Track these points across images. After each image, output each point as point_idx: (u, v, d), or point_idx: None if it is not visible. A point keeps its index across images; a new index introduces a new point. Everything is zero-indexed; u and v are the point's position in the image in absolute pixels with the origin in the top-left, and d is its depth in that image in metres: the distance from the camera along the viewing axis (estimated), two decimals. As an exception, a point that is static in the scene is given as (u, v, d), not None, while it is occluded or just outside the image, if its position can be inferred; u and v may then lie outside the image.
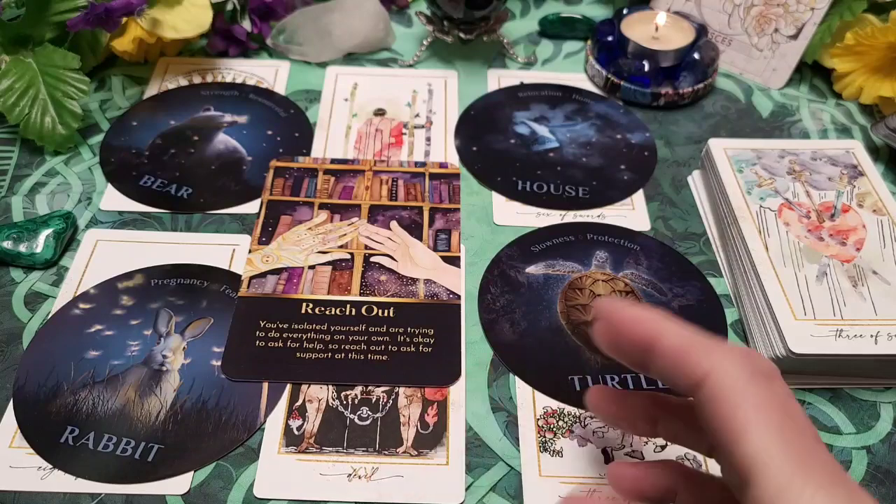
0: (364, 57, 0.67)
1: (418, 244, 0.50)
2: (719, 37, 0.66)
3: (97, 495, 0.37)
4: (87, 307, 0.45)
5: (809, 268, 0.44)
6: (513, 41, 0.70)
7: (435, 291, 0.47)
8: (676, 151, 0.58)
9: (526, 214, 0.53)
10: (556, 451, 0.40)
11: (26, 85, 0.54)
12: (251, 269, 0.48)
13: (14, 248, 0.47)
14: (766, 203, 0.48)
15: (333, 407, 0.41)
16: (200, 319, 0.45)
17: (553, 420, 0.41)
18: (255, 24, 0.65)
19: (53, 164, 0.55)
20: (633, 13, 0.65)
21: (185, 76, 0.63)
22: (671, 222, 0.53)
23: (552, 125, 0.60)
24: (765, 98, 0.64)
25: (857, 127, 0.61)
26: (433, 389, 0.42)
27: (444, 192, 0.54)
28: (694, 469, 0.31)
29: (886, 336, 0.40)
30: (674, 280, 0.48)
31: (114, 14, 0.54)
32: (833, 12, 0.61)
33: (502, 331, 0.45)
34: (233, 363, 0.43)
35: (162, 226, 0.51)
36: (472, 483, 0.39)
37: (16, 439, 0.39)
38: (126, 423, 0.40)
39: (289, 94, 0.62)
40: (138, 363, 0.42)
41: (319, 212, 0.52)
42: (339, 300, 0.46)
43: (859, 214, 0.47)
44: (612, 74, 0.62)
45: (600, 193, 0.54)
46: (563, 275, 0.48)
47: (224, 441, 0.39)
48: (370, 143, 0.58)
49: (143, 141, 0.57)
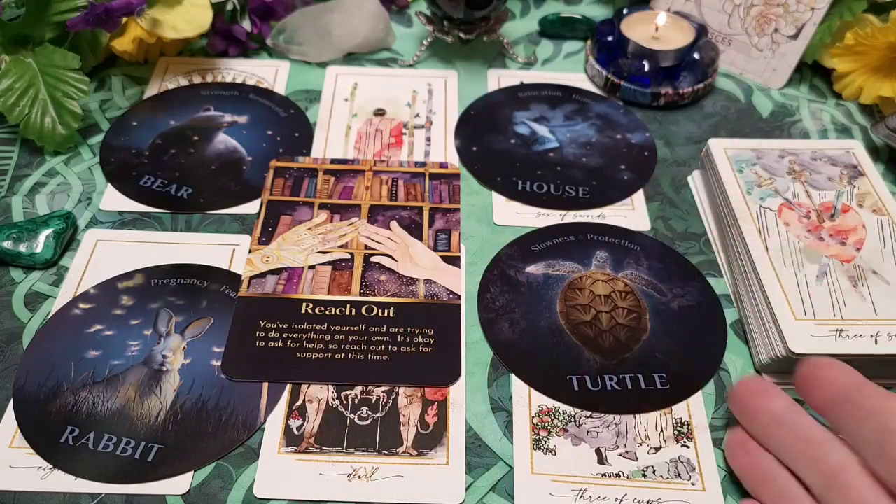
0: (364, 57, 0.67)
1: (418, 244, 0.50)
2: (719, 37, 0.66)
3: (97, 495, 0.37)
4: (87, 307, 0.45)
5: (809, 268, 0.44)
6: (513, 41, 0.70)
7: (435, 291, 0.47)
8: (676, 151, 0.58)
9: (526, 214, 0.53)
10: (549, 450, 0.40)
11: (26, 85, 0.54)
12: (251, 269, 0.48)
13: (14, 248, 0.47)
14: (766, 203, 0.48)
15: (333, 407, 0.41)
16: (200, 319, 0.45)
17: (548, 418, 0.41)
18: (255, 24, 0.65)
19: (53, 164, 0.55)
20: (633, 13, 0.65)
21: (185, 76, 0.63)
22: (671, 222, 0.53)
23: (552, 125, 0.60)
24: (765, 98, 0.64)
25: (857, 127, 0.61)
26: (433, 389, 0.42)
27: (444, 192, 0.54)
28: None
29: (886, 336, 0.40)
30: (674, 280, 0.48)
31: (114, 14, 0.54)
32: (833, 12, 0.61)
33: (501, 330, 0.45)
34: (233, 363, 0.43)
35: (162, 226, 0.51)
36: (472, 483, 0.39)
37: (16, 439, 0.39)
38: (126, 423, 0.40)
39: (289, 94, 0.62)
40: (138, 363, 0.42)
41: (319, 212, 0.52)
42: (339, 300, 0.46)
43: (859, 214, 0.47)
44: (612, 74, 0.62)
45: (600, 193, 0.54)
46: (562, 275, 0.48)
47: (224, 441, 0.40)
48: (370, 143, 0.58)
49: (143, 141, 0.57)
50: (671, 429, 0.41)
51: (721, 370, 0.44)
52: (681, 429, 0.41)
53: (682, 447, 0.40)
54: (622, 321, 0.46)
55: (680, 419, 0.41)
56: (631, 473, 0.39)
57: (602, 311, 0.46)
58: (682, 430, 0.41)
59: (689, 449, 0.40)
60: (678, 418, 0.41)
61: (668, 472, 0.39)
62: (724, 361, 0.44)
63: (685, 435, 0.41)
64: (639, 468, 0.39)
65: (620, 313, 0.46)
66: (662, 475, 0.39)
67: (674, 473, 0.39)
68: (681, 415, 0.42)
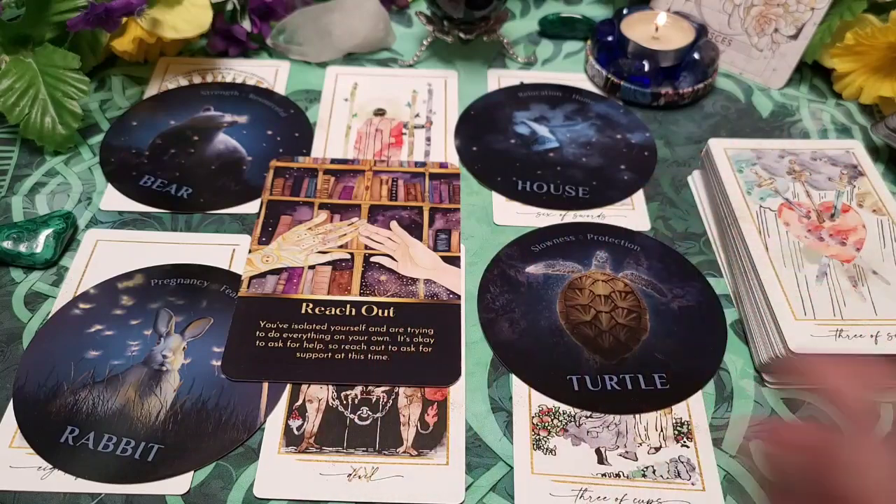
0: (364, 57, 0.67)
1: (418, 244, 0.50)
2: (719, 37, 0.66)
3: (97, 495, 0.37)
4: (87, 307, 0.45)
5: (809, 268, 0.44)
6: (513, 41, 0.70)
7: (435, 291, 0.47)
8: (676, 151, 0.58)
9: (526, 214, 0.53)
10: (549, 450, 0.40)
11: (26, 85, 0.54)
12: (251, 269, 0.48)
13: (14, 248, 0.47)
14: (766, 203, 0.48)
15: (333, 407, 0.41)
16: (200, 319, 0.45)
17: (548, 418, 0.41)
18: (255, 24, 0.65)
19: (53, 164, 0.55)
20: (633, 13, 0.65)
21: (185, 76, 0.63)
22: (671, 222, 0.53)
23: (552, 125, 0.60)
24: (765, 98, 0.64)
25: (857, 127, 0.61)
26: (433, 389, 0.42)
27: (444, 192, 0.54)
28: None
29: (886, 336, 0.40)
30: (674, 280, 0.48)
31: (114, 14, 0.54)
32: (833, 12, 0.61)
33: (501, 330, 0.45)
34: (233, 363, 0.43)
35: (162, 226, 0.51)
36: (472, 483, 0.39)
37: (16, 439, 0.39)
38: (126, 423, 0.40)
39: (289, 94, 0.62)
40: (138, 363, 0.42)
41: (319, 212, 0.52)
42: (339, 300, 0.46)
43: (859, 214, 0.47)
44: (612, 74, 0.62)
45: (600, 193, 0.54)
46: (562, 275, 0.48)
47: (224, 441, 0.40)
48: (370, 143, 0.58)
49: (143, 141, 0.57)
50: (671, 429, 0.41)
51: (721, 370, 0.44)
52: (680, 429, 0.41)
53: (681, 447, 0.40)
54: (622, 321, 0.46)
55: (680, 419, 0.41)
56: (631, 473, 0.39)
57: (602, 311, 0.46)
58: (681, 430, 0.41)
59: (688, 449, 0.40)
60: (678, 418, 0.41)
61: (668, 471, 0.39)
62: (724, 361, 0.44)
63: (685, 435, 0.41)
64: (639, 468, 0.39)
65: (620, 313, 0.46)
66: (662, 475, 0.39)
67: (674, 473, 0.39)
68: (681, 415, 0.42)
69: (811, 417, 0.42)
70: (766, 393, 0.43)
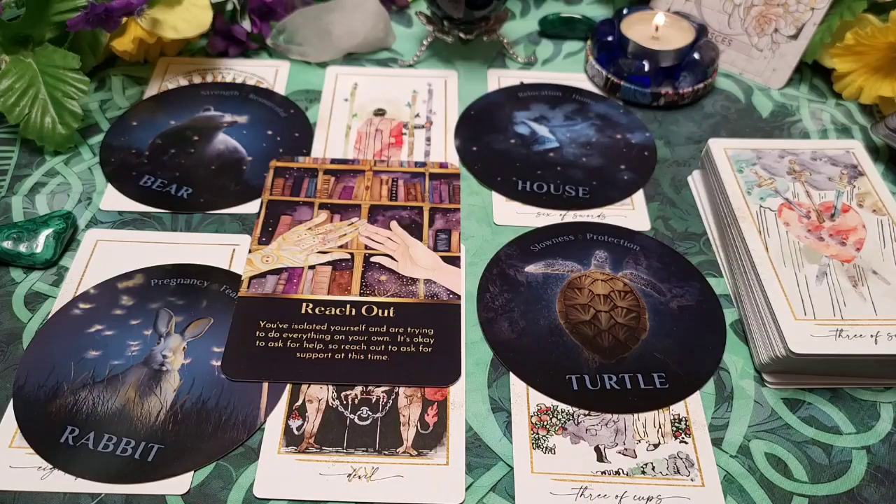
0: (364, 57, 0.67)
1: (418, 244, 0.50)
2: (719, 37, 0.66)
3: (97, 495, 0.37)
4: (87, 307, 0.45)
5: (809, 268, 0.44)
6: (513, 41, 0.70)
7: (435, 291, 0.47)
8: (676, 151, 0.58)
9: (526, 214, 0.53)
10: (548, 449, 0.40)
11: (26, 85, 0.54)
12: (251, 269, 0.48)
13: (14, 248, 0.47)
14: (766, 203, 0.48)
15: (333, 407, 0.41)
16: (200, 319, 0.45)
17: (546, 417, 0.41)
18: (255, 24, 0.65)
19: (53, 164, 0.55)
20: (633, 13, 0.65)
21: (185, 76, 0.63)
22: (671, 222, 0.53)
23: (552, 125, 0.60)
24: (765, 98, 0.64)
25: (857, 127, 0.61)
26: (433, 389, 0.42)
27: (444, 192, 0.54)
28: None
29: (886, 336, 0.40)
30: (673, 280, 0.48)
31: (114, 14, 0.54)
32: (833, 12, 0.61)
33: (501, 330, 0.45)
34: (233, 363, 0.43)
35: (162, 226, 0.51)
36: (473, 483, 0.39)
37: (16, 439, 0.39)
38: (126, 423, 0.40)
39: (289, 94, 0.62)
40: (138, 363, 0.42)
41: (319, 212, 0.52)
42: (339, 300, 0.46)
43: (859, 214, 0.47)
44: (612, 74, 0.62)
45: (600, 193, 0.54)
46: (562, 274, 0.48)
47: (224, 441, 0.40)
48: (370, 143, 0.58)
49: (143, 141, 0.57)
50: (669, 425, 0.41)
51: (720, 370, 0.44)
52: (679, 425, 0.41)
53: (680, 443, 0.40)
54: (621, 321, 0.46)
55: (678, 415, 0.41)
56: (630, 470, 0.39)
57: (601, 311, 0.46)
58: (680, 427, 0.41)
59: (687, 445, 0.40)
60: (676, 414, 0.41)
61: (668, 468, 0.39)
62: (724, 361, 0.44)
63: (683, 431, 0.41)
64: (638, 465, 0.39)
65: (619, 313, 0.46)
66: (662, 471, 0.39)
67: (673, 470, 0.39)
68: (678, 411, 0.42)
69: (811, 418, 0.42)
70: (766, 393, 0.43)
